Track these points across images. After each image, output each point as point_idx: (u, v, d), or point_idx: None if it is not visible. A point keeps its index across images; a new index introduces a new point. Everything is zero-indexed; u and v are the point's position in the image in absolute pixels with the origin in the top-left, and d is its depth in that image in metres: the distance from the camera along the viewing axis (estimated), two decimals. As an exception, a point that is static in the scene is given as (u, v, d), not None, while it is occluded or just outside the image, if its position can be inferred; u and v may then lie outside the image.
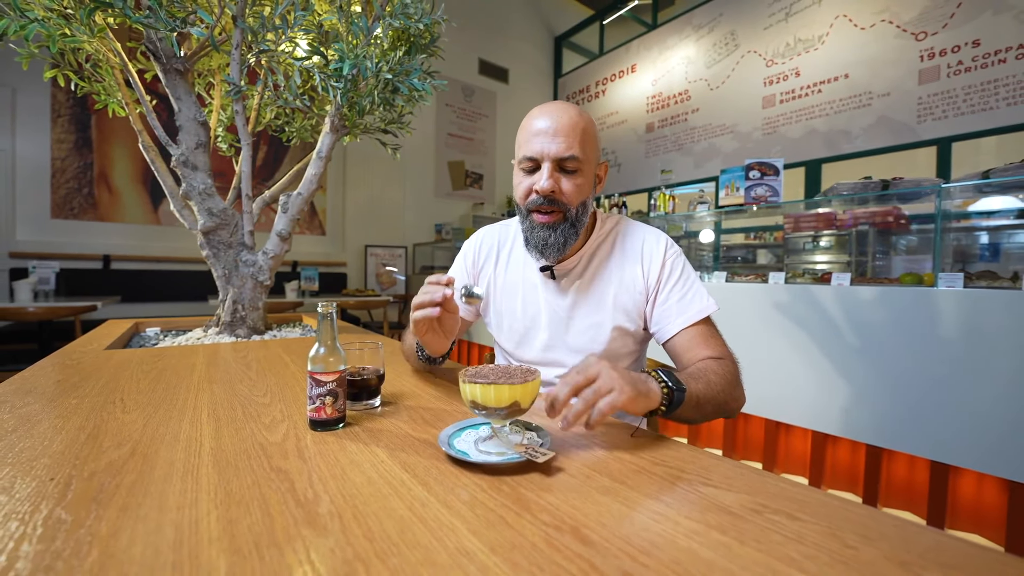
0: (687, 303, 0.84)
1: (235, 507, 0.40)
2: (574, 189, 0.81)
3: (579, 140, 0.79)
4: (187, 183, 1.44)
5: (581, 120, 0.80)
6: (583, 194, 0.82)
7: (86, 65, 1.50)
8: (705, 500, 0.43)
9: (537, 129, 0.79)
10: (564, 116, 0.79)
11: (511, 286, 0.95)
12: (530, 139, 0.80)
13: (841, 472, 1.87)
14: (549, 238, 0.82)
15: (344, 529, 0.37)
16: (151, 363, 1.01)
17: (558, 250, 0.83)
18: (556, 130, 0.78)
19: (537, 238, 0.84)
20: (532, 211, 0.83)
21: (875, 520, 0.40)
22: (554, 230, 0.82)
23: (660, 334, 0.86)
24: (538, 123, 0.80)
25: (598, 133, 0.84)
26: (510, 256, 0.97)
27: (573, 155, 0.78)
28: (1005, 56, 2.86)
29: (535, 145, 0.79)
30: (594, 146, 0.83)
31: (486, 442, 0.54)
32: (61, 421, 0.61)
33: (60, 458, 0.49)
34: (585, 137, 0.80)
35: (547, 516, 0.39)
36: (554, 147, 0.78)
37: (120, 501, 0.40)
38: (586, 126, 0.80)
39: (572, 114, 0.80)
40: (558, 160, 0.79)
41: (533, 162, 0.80)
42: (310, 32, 1.44)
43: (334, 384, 0.59)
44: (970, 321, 1.50)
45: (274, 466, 0.48)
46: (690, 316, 0.82)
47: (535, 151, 0.79)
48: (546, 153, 0.78)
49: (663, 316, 0.85)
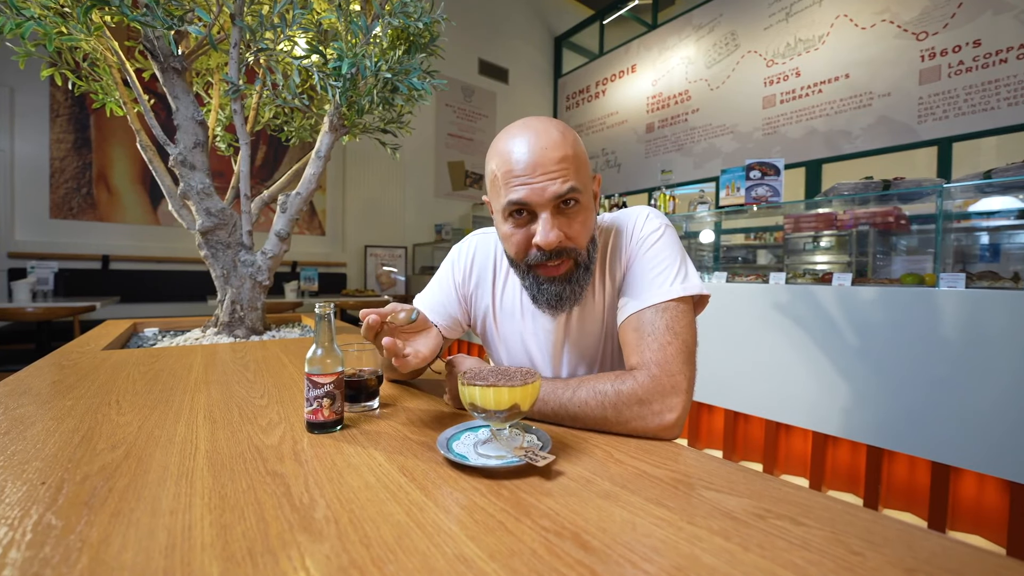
0: (646, 284, 0.69)
1: (229, 512, 0.39)
2: (582, 229, 0.66)
3: (574, 168, 0.63)
4: (185, 183, 1.43)
5: (566, 139, 0.64)
6: (590, 228, 0.68)
7: (83, 64, 1.49)
8: (707, 505, 0.42)
9: (519, 165, 0.63)
10: (548, 144, 0.62)
11: (510, 310, 0.82)
12: (510, 180, 0.63)
13: (842, 473, 1.87)
14: (564, 292, 0.69)
15: (340, 535, 0.36)
16: (148, 364, 1.00)
17: (576, 300, 0.70)
18: (546, 165, 0.62)
19: (549, 295, 0.69)
20: (534, 266, 0.68)
21: (880, 525, 0.40)
22: (568, 283, 0.68)
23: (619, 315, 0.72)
24: (518, 156, 0.63)
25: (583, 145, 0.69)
26: (508, 273, 0.82)
27: (572, 187, 0.62)
28: (1006, 56, 2.85)
29: (520, 189, 0.63)
30: (586, 164, 0.67)
31: (485, 445, 0.53)
32: (55, 423, 0.61)
33: (52, 461, 0.49)
34: (578, 160, 0.65)
35: (547, 521, 0.39)
36: (549, 187, 0.62)
37: (112, 505, 0.40)
38: (574, 144, 0.65)
39: (555, 136, 0.63)
40: (555, 201, 0.63)
41: (523, 207, 0.64)
42: (309, 31, 1.44)
43: (331, 386, 0.59)
44: (972, 322, 1.50)
45: (270, 469, 0.47)
46: (643, 301, 0.67)
47: (522, 196, 0.63)
48: (540, 198, 0.62)
49: (623, 296, 0.72)
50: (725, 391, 2.12)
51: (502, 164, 0.65)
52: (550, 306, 0.70)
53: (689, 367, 0.64)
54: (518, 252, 0.68)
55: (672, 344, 0.64)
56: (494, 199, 0.69)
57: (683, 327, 0.66)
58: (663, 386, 0.61)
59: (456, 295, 0.85)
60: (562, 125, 0.66)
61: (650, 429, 0.61)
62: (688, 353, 0.64)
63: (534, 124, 0.65)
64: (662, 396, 0.61)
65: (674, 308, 0.66)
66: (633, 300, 0.69)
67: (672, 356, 0.63)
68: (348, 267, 4.89)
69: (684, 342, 0.65)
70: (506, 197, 0.64)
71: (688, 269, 0.71)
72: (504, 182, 0.64)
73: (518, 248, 0.68)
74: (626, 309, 0.70)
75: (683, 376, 0.62)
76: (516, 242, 0.67)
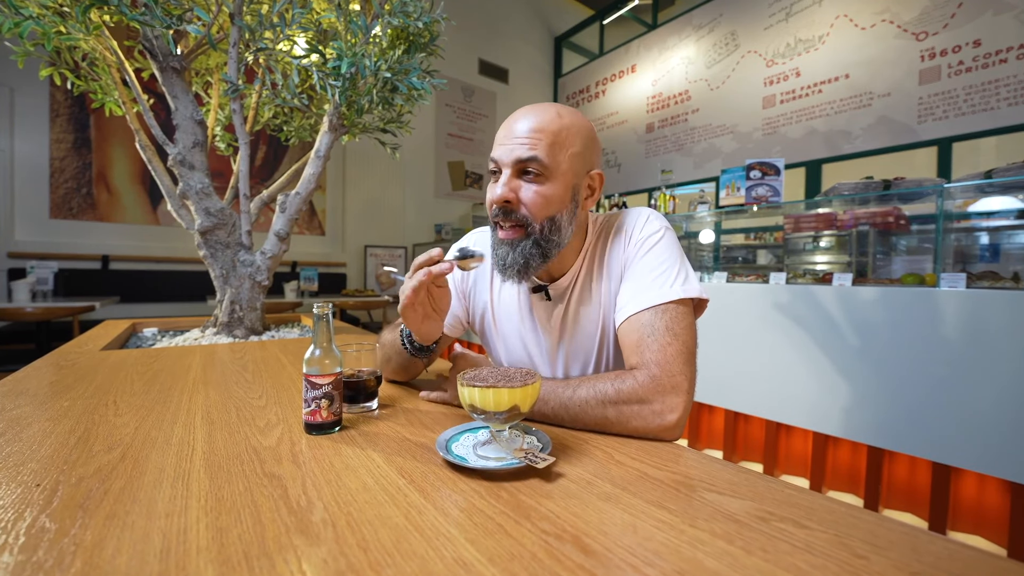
0: (646, 286, 0.69)
1: (225, 514, 0.39)
2: (536, 200, 0.67)
3: (547, 143, 0.67)
4: (184, 182, 1.43)
5: (557, 121, 0.68)
6: (550, 208, 0.68)
7: (83, 63, 1.49)
8: (710, 507, 0.42)
9: (505, 131, 0.69)
10: (536, 116, 0.68)
11: (508, 307, 0.83)
12: (496, 144, 0.71)
13: (842, 473, 1.86)
14: (507, 257, 0.70)
15: (338, 538, 0.36)
16: (146, 364, 1.00)
17: (518, 272, 0.71)
18: (521, 131, 0.67)
19: (497, 256, 0.72)
20: (495, 225, 0.72)
21: (884, 528, 0.39)
22: (512, 248, 0.70)
23: (616, 317, 0.72)
24: (508, 124, 0.70)
25: (591, 139, 0.72)
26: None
27: (534, 156, 0.66)
28: (1006, 56, 2.85)
29: (498, 148, 0.69)
30: (572, 153, 0.69)
31: (485, 447, 0.53)
32: (51, 424, 0.60)
33: (48, 463, 0.48)
34: (556, 140, 0.67)
35: (547, 524, 0.38)
36: (515, 150, 0.67)
37: (107, 508, 0.39)
38: (561, 128, 0.67)
39: (548, 115, 0.68)
40: (518, 164, 0.67)
41: (497, 167, 0.70)
42: (308, 30, 1.43)
43: (330, 387, 0.58)
44: (972, 322, 1.49)
45: (267, 471, 0.47)
46: (641, 302, 0.68)
47: (496, 155, 0.69)
48: (506, 157, 0.68)
49: (621, 298, 0.72)
50: (725, 391, 2.11)
51: (499, 132, 0.72)
52: (499, 269, 0.73)
53: (690, 368, 0.64)
54: (489, 207, 0.73)
55: (672, 345, 0.64)
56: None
57: (683, 328, 0.65)
58: (664, 386, 0.61)
59: (456, 292, 0.85)
60: (567, 110, 0.70)
61: (651, 429, 0.60)
62: (688, 354, 0.64)
63: (541, 104, 0.71)
64: (663, 396, 0.61)
65: (674, 309, 0.66)
66: (632, 301, 0.69)
67: (673, 356, 0.63)
68: (348, 267, 4.88)
69: (684, 343, 0.64)
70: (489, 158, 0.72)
71: (688, 272, 0.71)
72: (493, 146, 0.72)
73: (488, 204, 0.73)
74: (625, 310, 0.69)
75: (684, 376, 0.62)
76: (488, 198, 0.72)
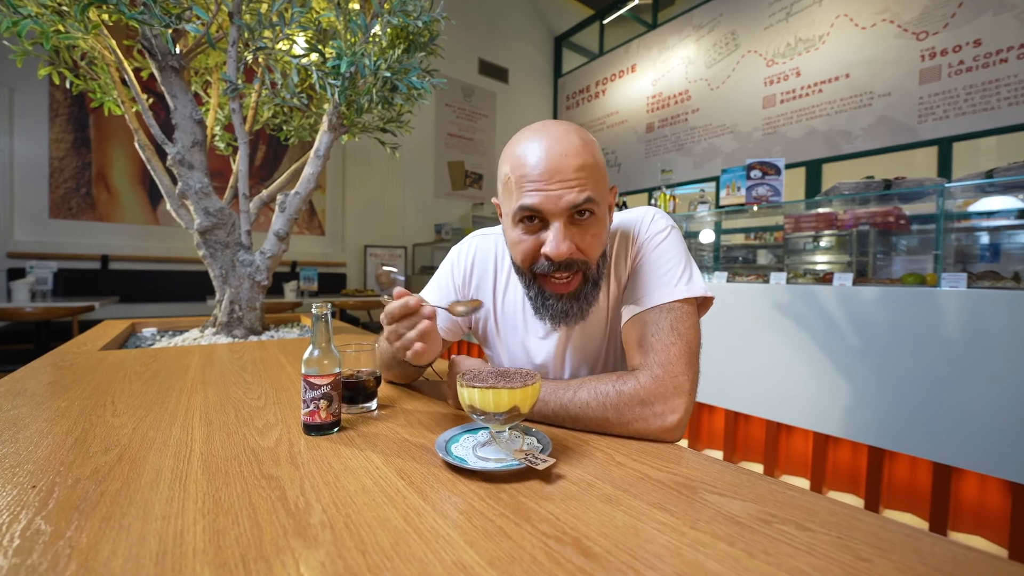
0: (651, 285, 0.67)
1: (223, 516, 0.38)
2: (596, 242, 0.63)
3: (593, 176, 0.60)
4: (183, 182, 1.42)
5: (587, 148, 0.61)
6: (603, 241, 0.65)
7: (81, 63, 1.49)
8: (711, 509, 0.41)
9: (535, 170, 0.60)
10: (569, 150, 0.60)
11: (512, 313, 0.80)
12: (525, 184, 0.60)
13: (842, 474, 1.86)
14: (571, 310, 0.66)
15: (336, 540, 0.35)
16: (145, 364, 1.00)
17: (582, 316, 0.68)
18: (564, 172, 0.59)
19: (555, 311, 0.67)
20: (541, 276, 0.65)
21: (886, 530, 0.39)
22: (576, 299, 0.65)
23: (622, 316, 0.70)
24: (534, 160, 0.60)
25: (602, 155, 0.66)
26: (509, 275, 0.80)
27: (589, 197, 0.60)
28: (1006, 56, 2.85)
29: (534, 195, 0.60)
30: (604, 175, 0.64)
31: (484, 448, 0.52)
32: (48, 425, 0.60)
33: (45, 464, 0.48)
34: (597, 171, 0.62)
35: (547, 527, 0.38)
36: (566, 196, 0.59)
37: (104, 510, 0.39)
38: (594, 154, 0.62)
39: (575, 143, 0.60)
40: (570, 212, 0.60)
41: (535, 214, 0.61)
42: (307, 29, 1.43)
43: (328, 387, 0.58)
44: (974, 322, 1.49)
45: (265, 473, 0.47)
46: (647, 301, 0.66)
47: (536, 203, 0.60)
48: (555, 207, 0.60)
49: (626, 296, 0.70)
50: (726, 391, 2.11)
51: (517, 167, 0.62)
52: (554, 320, 0.68)
53: (692, 369, 0.63)
54: (525, 260, 0.65)
55: (676, 345, 0.62)
56: (505, 202, 0.66)
57: (687, 328, 0.64)
58: (666, 387, 0.60)
59: (456, 298, 0.83)
60: (584, 132, 0.64)
61: (652, 430, 0.60)
62: (692, 355, 0.63)
63: (554, 129, 0.62)
64: (664, 397, 0.60)
65: (679, 309, 0.65)
66: (637, 301, 0.67)
67: (676, 357, 0.62)
68: (348, 267, 4.88)
69: (688, 343, 0.63)
70: (518, 202, 0.61)
71: (693, 270, 0.69)
72: (517, 186, 0.61)
73: (525, 256, 0.65)
74: (630, 309, 0.68)
75: (686, 377, 0.61)
76: (524, 250, 0.64)
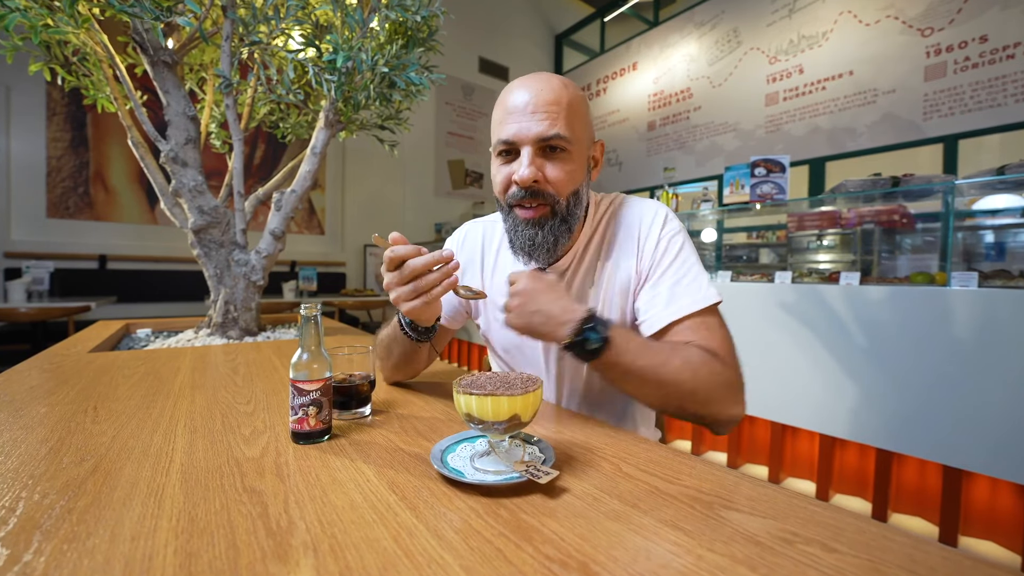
0: (679, 292, 0.68)
1: (197, 537, 0.35)
2: (563, 176, 0.67)
3: (565, 116, 0.65)
4: (177, 180, 1.39)
5: (567, 92, 0.67)
6: (574, 181, 0.69)
7: (73, 59, 1.46)
8: (728, 527, 0.38)
9: (513, 106, 0.66)
10: (545, 88, 0.66)
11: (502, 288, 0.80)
12: (505, 119, 0.67)
13: (850, 477, 1.83)
14: (536, 237, 0.69)
15: (318, 565, 0.32)
16: (134, 367, 0.97)
17: (548, 251, 0.70)
18: (536, 105, 0.65)
19: (523, 238, 0.70)
20: (514, 206, 0.70)
21: (922, 552, 0.36)
22: (541, 227, 0.69)
23: (645, 328, 0.70)
24: (514, 99, 0.66)
25: (588, 107, 0.71)
26: (497, 256, 0.84)
27: (558, 133, 0.65)
28: (1013, 52, 2.81)
29: (511, 126, 0.66)
30: (584, 123, 0.69)
31: (483, 458, 0.49)
32: (24, 433, 0.57)
33: (12, 477, 0.45)
34: (572, 112, 0.66)
35: (551, 548, 0.35)
36: (535, 126, 0.64)
37: (68, 529, 0.36)
38: (572, 99, 0.67)
39: (555, 85, 0.66)
40: (540, 142, 0.65)
41: (510, 146, 0.67)
42: (304, 24, 1.40)
43: (318, 393, 0.55)
44: (985, 322, 1.46)
45: (248, 486, 0.44)
46: (682, 307, 0.67)
47: (511, 133, 0.66)
48: (525, 135, 0.65)
49: (650, 306, 0.70)
50: (730, 393, 2.07)
51: (500, 107, 0.69)
52: (524, 251, 0.72)
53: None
54: (501, 190, 0.71)
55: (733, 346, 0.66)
56: (492, 144, 0.72)
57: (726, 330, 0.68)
58: (741, 378, 0.63)
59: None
60: (567, 80, 0.69)
61: (723, 416, 0.61)
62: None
63: (540, 73, 0.69)
64: (741, 388, 0.62)
65: (715, 313, 0.68)
66: (669, 308, 0.67)
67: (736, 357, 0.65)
68: (347, 267, 4.85)
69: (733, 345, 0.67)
70: (496, 136, 0.69)
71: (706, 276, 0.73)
72: (497, 123, 0.69)
73: (501, 186, 0.71)
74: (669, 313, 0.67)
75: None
76: (500, 180, 0.70)
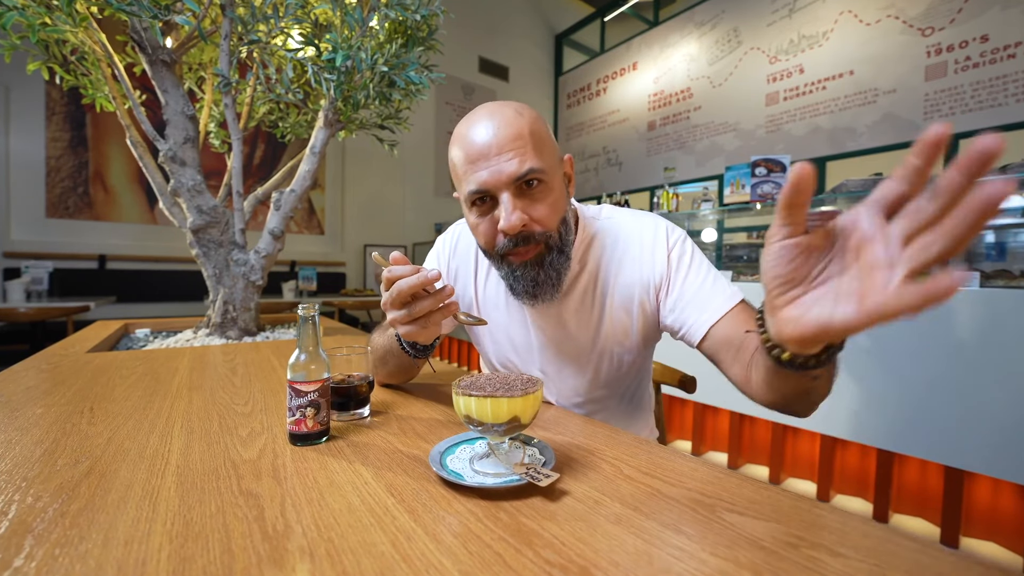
0: (711, 292, 0.68)
1: (192, 542, 0.35)
2: (548, 211, 0.63)
3: (532, 146, 0.61)
4: (175, 179, 1.39)
5: (524, 120, 0.61)
6: (559, 210, 0.65)
7: (71, 58, 1.45)
8: (732, 531, 0.37)
9: (475, 152, 0.61)
10: (502, 124, 0.60)
11: (494, 300, 0.80)
12: (470, 168, 0.61)
13: (850, 477, 1.82)
14: (538, 277, 0.65)
15: (315, 570, 0.32)
16: (131, 367, 0.96)
17: (553, 286, 0.67)
18: (500, 145, 0.60)
19: (524, 282, 0.66)
20: (505, 255, 0.66)
21: (930, 556, 0.35)
22: (540, 266, 0.65)
23: (691, 335, 0.68)
24: (474, 143, 0.61)
25: (548, 126, 0.67)
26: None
27: (531, 168, 0.60)
28: (1014, 51, 2.81)
29: (480, 173, 0.60)
30: (550, 145, 0.65)
31: (482, 460, 0.49)
32: (18, 434, 0.56)
33: (5, 480, 0.44)
34: (537, 139, 0.62)
35: (551, 553, 0.34)
36: (506, 167, 0.59)
37: (59, 534, 0.35)
38: (532, 125, 0.62)
39: (510, 117, 0.61)
40: (516, 181, 0.60)
41: (484, 194, 0.62)
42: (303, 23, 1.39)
43: (316, 394, 0.54)
44: (988, 322, 1.45)
45: (244, 489, 0.43)
46: (721, 304, 0.66)
47: (482, 181, 0.60)
48: (498, 179, 0.60)
49: (686, 315, 0.68)
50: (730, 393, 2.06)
51: (460, 153, 0.63)
52: (528, 294, 0.68)
53: None
54: (487, 242, 0.66)
55: None
56: (459, 190, 0.67)
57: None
58: None
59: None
60: (519, 105, 0.64)
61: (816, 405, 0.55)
62: None
63: (489, 107, 0.63)
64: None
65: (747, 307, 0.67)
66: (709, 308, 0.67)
67: None
68: (347, 267, 4.84)
69: None
70: (467, 187, 0.63)
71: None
72: (463, 172, 0.63)
73: (486, 238, 0.65)
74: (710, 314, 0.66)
75: None
76: (483, 232, 0.65)
